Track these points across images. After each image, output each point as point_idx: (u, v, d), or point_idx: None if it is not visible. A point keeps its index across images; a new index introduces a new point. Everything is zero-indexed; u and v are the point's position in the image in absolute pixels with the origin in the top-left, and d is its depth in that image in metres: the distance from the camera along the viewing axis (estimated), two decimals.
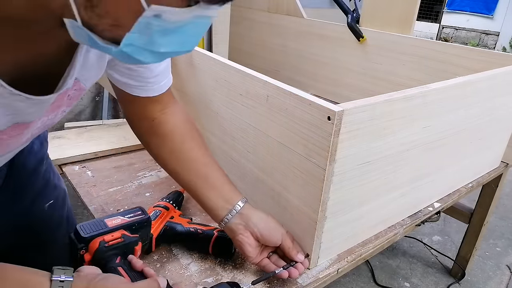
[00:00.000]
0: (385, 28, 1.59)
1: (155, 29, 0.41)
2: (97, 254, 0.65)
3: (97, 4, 0.39)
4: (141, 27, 0.40)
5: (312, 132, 0.70)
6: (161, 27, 0.41)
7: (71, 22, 0.41)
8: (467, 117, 1.01)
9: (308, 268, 0.81)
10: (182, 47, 0.45)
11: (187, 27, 0.43)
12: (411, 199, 1.00)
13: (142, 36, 0.41)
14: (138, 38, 0.41)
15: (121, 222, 0.69)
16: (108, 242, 0.66)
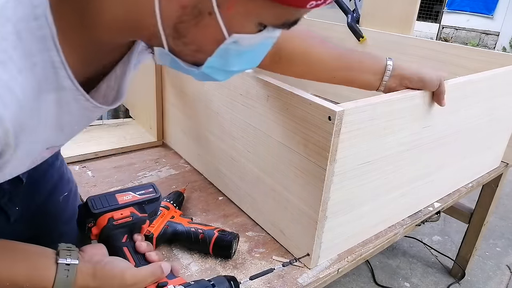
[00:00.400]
0: (385, 28, 1.59)
1: (232, 53, 0.46)
2: (104, 231, 0.65)
3: (185, 35, 0.44)
4: (221, 52, 0.46)
5: (313, 132, 0.70)
6: (236, 50, 0.46)
7: (160, 49, 0.46)
8: (467, 117, 1.01)
9: (308, 268, 0.81)
10: (250, 64, 0.52)
11: (256, 48, 0.48)
12: (411, 199, 1.00)
13: (220, 59, 0.47)
14: (217, 61, 0.47)
15: (132, 199, 0.69)
16: (117, 220, 0.66)
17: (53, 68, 0.43)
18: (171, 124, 1.26)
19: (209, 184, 1.11)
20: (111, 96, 0.56)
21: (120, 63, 0.55)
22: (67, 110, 0.49)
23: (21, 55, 0.38)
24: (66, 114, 0.49)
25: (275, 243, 0.89)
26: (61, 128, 0.50)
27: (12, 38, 0.37)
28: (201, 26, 0.43)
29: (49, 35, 0.40)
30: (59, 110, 0.47)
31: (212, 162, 1.07)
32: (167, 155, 1.26)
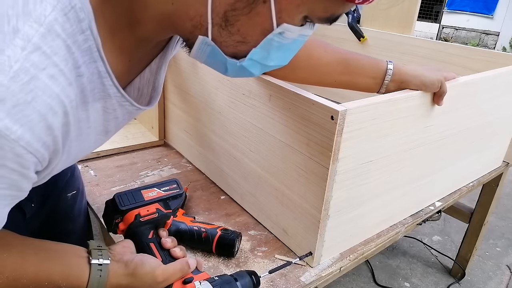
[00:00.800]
0: (386, 28, 1.59)
1: (274, 45, 0.47)
2: (132, 228, 0.67)
3: (233, 23, 0.44)
4: (265, 43, 0.46)
5: (315, 132, 0.70)
6: (279, 43, 0.47)
7: (203, 39, 0.46)
8: (469, 117, 1.01)
9: (311, 266, 0.82)
10: (283, 61, 0.52)
11: (293, 44, 0.49)
12: (412, 198, 1.00)
13: (262, 51, 0.47)
14: (259, 53, 0.48)
15: (157, 195, 0.71)
16: (144, 216, 0.67)
17: (99, 78, 0.45)
18: (173, 124, 1.27)
19: (211, 183, 1.11)
20: (146, 90, 0.57)
21: (156, 58, 0.56)
22: (113, 116, 0.51)
23: (71, 67, 0.40)
24: (112, 120, 0.51)
25: (277, 241, 0.89)
26: (106, 132, 0.53)
27: (63, 52, 0.39)
28: (252, 15, 0.43)
29: (95, 47, 0.42)
30: (106, 116, 0.50)
31: (214, 161, 1.08)
32: (169, 155, 1.26)
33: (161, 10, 0.45)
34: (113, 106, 0.50)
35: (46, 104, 0.38)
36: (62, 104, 0.40)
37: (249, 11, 0.43)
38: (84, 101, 0.44)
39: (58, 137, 0.41)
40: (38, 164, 0.41)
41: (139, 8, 0.45)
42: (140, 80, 0.55)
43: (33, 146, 0.39)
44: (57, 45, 0.39)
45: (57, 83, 0.39)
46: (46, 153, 0.41)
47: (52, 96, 0.39)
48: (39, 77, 0.37)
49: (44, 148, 0.40)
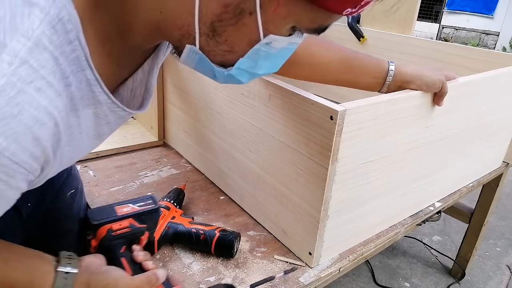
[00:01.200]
0: (386, 28, 1.59)
1: (261, 54, 0.48)
2: (103, 242, 0.66)
3: (220, 34, 0.45)
4: (252, 53, 0.47)
5: (315, 132, 0.70)
6: (266, 52, 0.47)
7: (190, 48, 0.47)
8: (469, 117, 1.01)
9: (310, 267, 0.82)
10: (272, 69, 0.53)
11: (281, 52, 0.50)
12: (412, 199, 1.00)
13: (249, 61, 0.48)
14: (246, 62, 0.48)
15: (131, 210, 0.70)
16: (116, 230, 0.67)
17: (88, 85, 0.45)
18: (172, 124, 1.27)
19: (210, 183, 1.11)
20: (138, 91, 0.58)
21: (148, 59, 0.56)
22: (105, 122, 0.51)
23: (59, 78, 0.41)
24: (105, 125, 0.52)
25: (276, 242, 0.89)
26: (99, 136, 0.53)
27: (50, 65, 0.40)
28: (239, 26, 0.44)
29: (83, 56, 0.43)
30: (98, 121, 0.50)
31: (214, 161, 1.07)
32: (168, 155, 1.26)
33: (151, 18, 0.46)
34: (104, 112, 0.50)
35: (32, 117, 0.39)
36: (51, 115, 0.41)
37: (235, 22, 0.44)
38: (74, 109, 0.45)
39: (47, 148, 0.42)
40: (29, 174, 0.42)
41: (129, 16, 0.46)
42: (133, 81, 0.55)
43: (18, 157, 0.39)
44: (44, 58, 0.39)
45: (45, 96, 0.39)
46: (35, 163, 0.41)
47: (39, 108, 0.39)
48: (26, 90, 0.38)
49: (32, 159, 0.41)
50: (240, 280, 0.78)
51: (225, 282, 0.76)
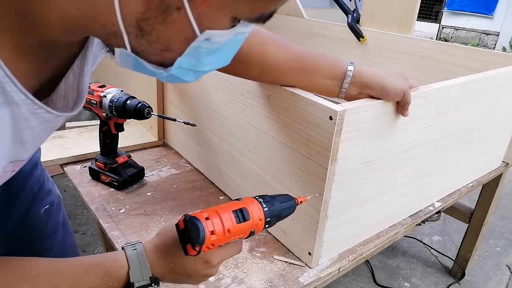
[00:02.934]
0: (385, 28, 1.59)
1: (203, 51, 0.43)
2: None
3: (150, 33, 0.40)
4: (191, 51, 0.42)
5: (314, 132, 0.70)
6: (208, 48, 0.43)
7: (121, 50, 0.42)
8: (468, 117, 1.01)
9: (309, 267, 0.82)
10: (222, 63, 0.49)
11: (228, 45, 0.45)
12: (412, 199, 1.00)
13: (190, 59, 0.44)
14: (187, 61, 0.44)
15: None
16: None
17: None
18: (172, 124, 1.27)
19: (210, 183, 1.11)
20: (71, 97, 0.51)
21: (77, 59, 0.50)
22: (27, 126, 0.45)
23: None
24: (27, 130, 0.45)
25: (276, 242, 0.89)
26: (22, 142, 0.47)
27: None
28: (168, 23, 0.40)
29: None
30: (17, 125, 0.44)
31: (213, 161, 1.07)
32: (168, 155, 1.26)
33: (65, 14, 0.40)
34: (24, 115, 0.43)
35: None
36: None
37: (163, 20, 0.39)
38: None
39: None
40: None
41: (39, 7, 0.40)
42: (66, 87, 0.49)
43: None
44: None
45: None
46: None
47: None
48: None
49: None
50: (240, 280, 0.78)
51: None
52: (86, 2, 0.39)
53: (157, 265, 0.57)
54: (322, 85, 0.76)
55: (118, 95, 0.97)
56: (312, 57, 0.76)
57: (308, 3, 1.99)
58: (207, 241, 0.53)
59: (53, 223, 0.87)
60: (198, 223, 0.53)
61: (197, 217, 0.54)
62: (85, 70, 0.51)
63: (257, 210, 0.57)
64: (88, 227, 2.06)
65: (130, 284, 0.55)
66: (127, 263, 0.55)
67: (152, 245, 0.58)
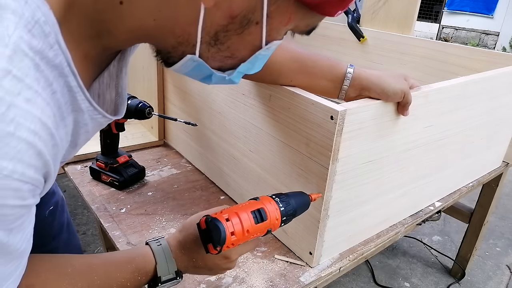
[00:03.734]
0: (385, 28, 1.59)
1: (260, 58, 0.48)
2: None
3: (224, 42, 0.44)
4: (253, 58, 0.47)
5: (315, 132, 0.70)
6: (264, 56, 0.48)
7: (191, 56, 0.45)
8: (469, 117, 1.01)
9: (310, 266, 0.82)
10: (260, 68, 0.53)
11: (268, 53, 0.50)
12: (412, 198, 1.00)
13: (248, 64, 0.48)
14: (245, 66, 0.49)
15: None
16: None
17: (70, 92, 0.42)
18: (172, 124, 1.27)
19: (210, 183, 1.11)
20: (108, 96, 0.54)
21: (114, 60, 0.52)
22: (85, 130, 0.48)
23: (44, 86, 0.38)
24: (83, 133, 0.49)
25: (277, 242, 0.89)
26: (75, 145, 0.50)
27: (33, 73, 0.36)
28: (244, 35, 0.44)
29: (64, 61, 0.40)
30: (77, 129, 0.47)
31: (214, 161, 1.08)
32: (168, 155, 1.26)
33: (139, 24, 0.43)
34: (84, 121, 0.47)
35: (30, 131, 0.36)
36: (46, 126, 0.38)
37: (241, 32, 0.43)
38: (62, 118, 0.42)
39: (49, 161, 0.39)
40: (36, 189, 0.40)
41: (112, 19, 0.42)
42: (100, 85, 0.51)
43: (27, 176, 0.37)
44: (26, 65, 0.36)
45: (36, 106, 0.36)
46: (40, 177, 0.39)
47: (34, 121, 0.36)
48: (16, 104, 0.34)
49: (38, 173, 0.39)
50: (241, 280, 0.78)
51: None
52: (165, 14, 0.41)
53: (180, 260, 0.60)
54: (322, 86, 0.77)
55: None
56: (312, 58, 0.77)
57: None
58: (228, 241, 0.55)
59: (58, 224, 0.88)
60: (220, 225, 0.55)
61: (218, 218, 0.56)
62: (123, 71, 0.54)
63: (274, 210, 0.60)
64: (88, 227, 2.06)
65: (157, 278, 0.58)
66: (154, 258, 0.58)
67: (175, 241, 0.61)
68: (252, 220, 0.58)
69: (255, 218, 0.58)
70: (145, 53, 1.23)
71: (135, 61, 1.33)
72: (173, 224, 0.93)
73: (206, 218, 0.57)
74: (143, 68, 1.28)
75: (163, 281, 0.58)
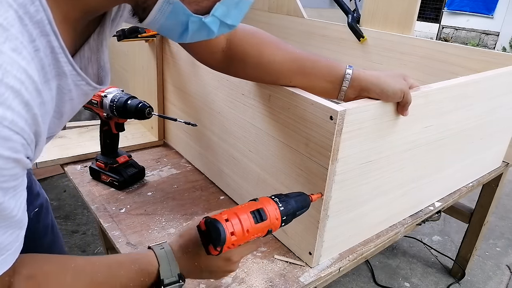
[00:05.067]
0: (386, 28, 1.59)
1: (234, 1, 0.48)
2: None
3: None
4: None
5: (315, 132, 0.70)
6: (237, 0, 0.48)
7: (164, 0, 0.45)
8: (468, 117, 1.01)
9: (310, 267, 0.82)
10: (236, 21, 0.52)
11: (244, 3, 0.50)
12: (412, 198, 1.00)
13: (223, 7, 0.48)
14: (220, 9, 0.48)
15: None
16: None
17: (52, 53, 0.42)
18: (172, 124, 1.27)
19: (210, 183, 1.11)
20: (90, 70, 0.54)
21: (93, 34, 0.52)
22: (69, 98, 0.47)
23: (28, 41, 0.38)
24: (68, 101, 0.48)
25: (276, 242, 0.89)
26: (60, 115, 0.49)
27: (17, 24, 0.36)
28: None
29: (45, 19, 0.39)
30: (61, 96, 0.46)
31: (214, 161, 1.08)
32: (168, 155, 1.26)
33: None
34: (68, 86, 0.46)
35: (17, 79, 0.35)
36: (32, 79, 0.37)
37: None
38: (46, 79, 0.41)
39: (37, 115, 0.39)
40: (27, 147, 0.39)
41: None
42: (81, 59, 0.51)
43: (17, 125, 0.36)
44: (11, 16, 0.36)
45: (22, 57, 0.36)
46: (31, 133, 0.39)
47: (20, 70, 0.36)
48: (2, 50, 0.34)
49: (28, 127, 0.38)
50: (241, 279, 0.78)
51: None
52: None
53: (183, 263, 0.60)
54: (321, 87, 0.76)
55: (119, 95, 0.97)
56: (311, 59, 0.76)
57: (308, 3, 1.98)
58: (228, 241, 0.56)
59: (43, 226, 0.87)
60: (219, 225, 0.55)
61: (218, 219, 0.56)
62: (104, 44, 0.54)
63: (273, 210, 0.60)
64: (88, 227, 2.06)
65: (160, 280, 0.58)
66: (157, 261, 0.59)
67: (177, 245, 0.61)
68: (251, 220, 0.58)
69: (254, 218, 0.59)
70: (145, 53, 1.23)
71: (135, 61, 1.33)
72: (173, 224, 0.93)
73: (206, 219, 0.57)
74: (143, 68, 1.28)
75: (166, 283, 0.58)
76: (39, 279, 0.49)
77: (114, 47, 1.49)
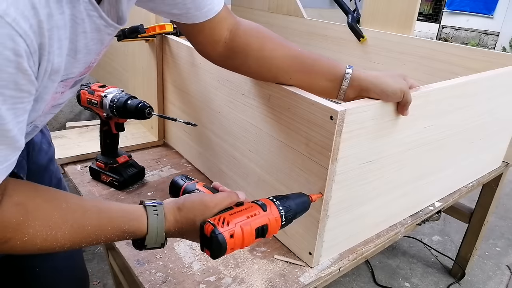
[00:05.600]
0: (386, 28, 1.59)
1: None
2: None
3: None
4: None
5: (315, 132, 0.70)
6: None
7: None
8: (468, 117, 1.01)
9: (310, 267, 0.82)
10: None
11: None
12: (412, 199, 1.00)
13: None
14: None
15: None
16: None
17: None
18: (172, 124, 1.27)
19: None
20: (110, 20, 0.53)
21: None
22: (82, 30, 0.46)
23: None
24: (81, 34, 0.47)
25: (276, 242, 0.89)
26: (75, 53, 0.48)
27: None
28: None
29: None
30: (74, 29, 0.45)
31: (214, 161, 1.08)
32: (168, 155, 1.26)
33: None
34: (81, 15, 0.44)
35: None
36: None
37: None
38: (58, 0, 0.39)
39: (43, 23, 0.37)
40: (30, 56, 0.38)
41: None
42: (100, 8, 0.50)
43: (21, 26, 0.35)
44: None
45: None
46: (34, 39, 0.37)
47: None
48: None
49: (33, 34, 0.37)
50: (241, 279, 0.78)
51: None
52: None
53: (171, 234, 0.60)
54: (321, 85, 0.76)
55: (119, 95, 0.97)
56: (312, 57, 0.76)
57: (308, 3, 1.98)
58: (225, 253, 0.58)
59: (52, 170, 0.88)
60: (224, 244, 0.56)
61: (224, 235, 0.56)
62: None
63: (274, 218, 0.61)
64: None
65: (143, 244, 0.59)
66: (146, 229, 0.58)
67: (172, 218, 0.60)
68: (253, 236, 0.60)
69: (257, 234, 0.60)
70: (145, 53, 1.23)
71: (135, 61, 1.33)
72: None
73: (213, 230, 0.57)
74: (143, 68, 1.28)
75: (148, 248, 0.60)
76: (28, 208, 0.49)
77: (114, 47, 1.49)
